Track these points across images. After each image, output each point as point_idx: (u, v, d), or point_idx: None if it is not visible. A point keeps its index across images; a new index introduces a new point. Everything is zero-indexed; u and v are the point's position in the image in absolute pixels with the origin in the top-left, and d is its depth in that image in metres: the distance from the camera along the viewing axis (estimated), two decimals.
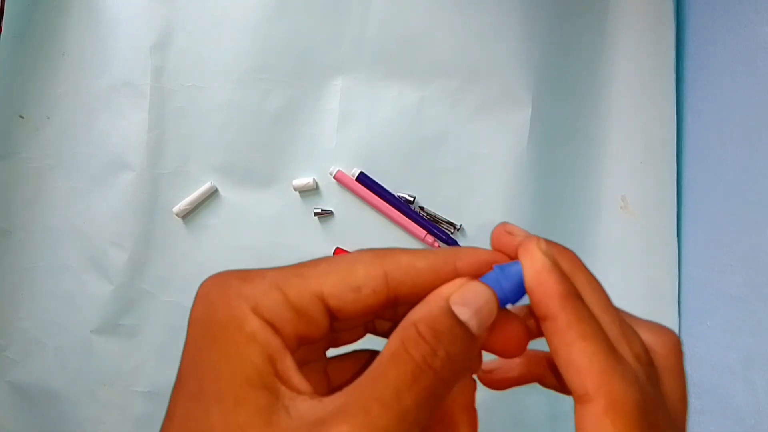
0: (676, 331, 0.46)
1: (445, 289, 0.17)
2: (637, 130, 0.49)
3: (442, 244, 0.49)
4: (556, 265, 0.18)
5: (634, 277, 0.48)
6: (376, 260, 0.17)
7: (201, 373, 0.16)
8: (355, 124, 0.49)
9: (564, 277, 0.18)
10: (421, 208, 0.49)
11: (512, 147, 0.48)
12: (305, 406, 0.15)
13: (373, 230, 0.49)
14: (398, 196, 0.49)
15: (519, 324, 0.18)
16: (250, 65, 0.49)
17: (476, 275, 0.18)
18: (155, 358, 0.49)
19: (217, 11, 0.49)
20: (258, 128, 0.49)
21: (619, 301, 0.46)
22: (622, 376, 0.17)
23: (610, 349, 0.17)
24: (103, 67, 0.50)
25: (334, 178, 0.49)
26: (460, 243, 0.48)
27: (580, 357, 0.17)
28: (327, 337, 0.19)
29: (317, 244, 0.49)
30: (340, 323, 0.18)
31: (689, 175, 0.48)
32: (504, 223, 0.20)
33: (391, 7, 0.49)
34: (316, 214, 0.49)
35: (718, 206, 0.44)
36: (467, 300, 0.16)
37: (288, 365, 0.16)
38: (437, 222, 0.49)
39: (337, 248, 0.49)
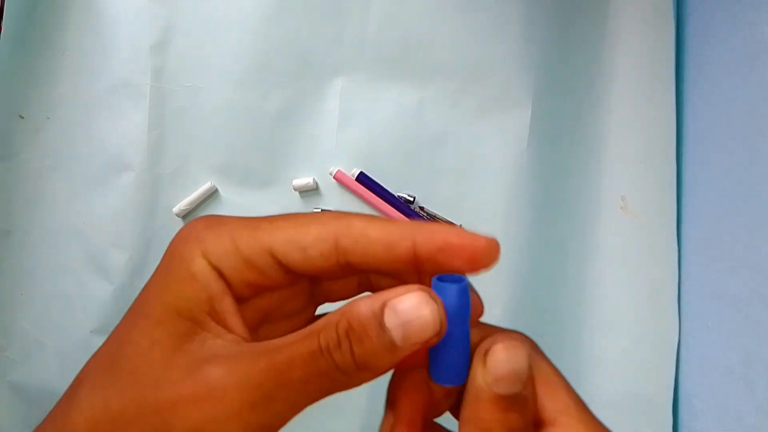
0: (676, 331, 0.46)
1: (390, 293, 0.16)
2: (637, 130, 0.49)
3: None
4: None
5: (634, 277, 0.48)
6: (330, 223, 0.18)
7: (144, 297, 0.19)
8: (355, 124, 0.49)
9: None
10: (421, 208, 0.49)
11: (512, 147, 0.48)
12: (221, 343, 0.17)
13: None
14: (398, 196, 0.49)
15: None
16: (250, 65, 0.49)
17: (432, 255, 0.17)
18: None
19: (217, 11, 0.49)
20: (258, 128, 0.49)
21: (619, 301, 0.46)
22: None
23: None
24: (103, 67, 0.50)
25: (334, 178, 0.49)
26: None
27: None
28: (297, 290, 0.20)
29: None
30: (319, 278, 0.19)
31: (689, 175, 0.48)
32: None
33: (391, 7, 0.49)
34: None
35: (718, 206, 0.44)
36: (399, 310, 0.16)
37: (226, 308, 0.17)
38: (437, 222, 0.49)
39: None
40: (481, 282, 0.52)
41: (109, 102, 0.49)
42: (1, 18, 0.48)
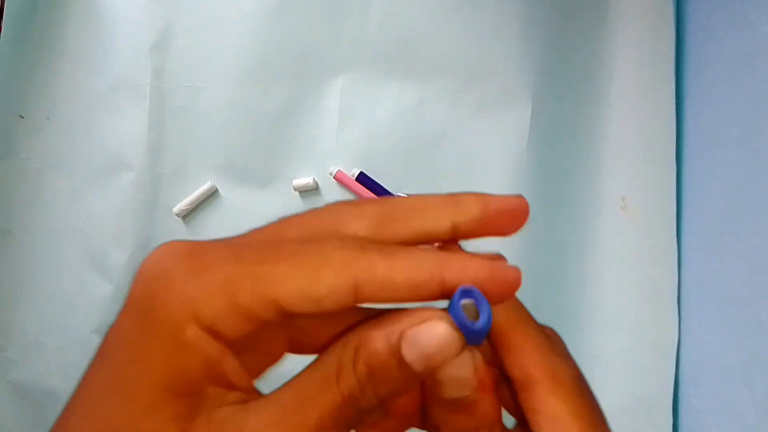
0: (676, 331, 0.46)
1: (404, 319, 0.15)
2: (637, 130, 0.49)
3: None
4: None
5: (634, 277, 0.48)
6: (349, 267, 0.15)
7: (122, 364, 0.15)
8: (355, 124, 0.49)
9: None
10: None
11: (512, 146, 0.48)
12: (229, 410, 0.15)
13: None
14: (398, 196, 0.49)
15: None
16: (250, 65, 0.49)
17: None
18: None
19: (217, 11, 0.49)
20: (258, 128, 0.49)
21: (619, 301, 0.46)
22: (559, 354, 0.17)
23: (541, 331, 0.18)
24: (103, 67, 0.50)
25: (334, 178, 0.49)
26: (460, 243, 0.48)
27: (518, 341, 0.17)
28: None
29: None
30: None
31: (689, 175, 0.48)
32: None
33: (391, 6, 0.49)
34: None
35: (718, 206, 0.44)
36: (420, 343, 0.14)
37: (227, 368, 0.15)
38: None
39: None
40: None
41: (109, 102, 0.50)
42: (1, 18, 0.48)
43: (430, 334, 0.14)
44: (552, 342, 0.18)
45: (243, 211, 0.50)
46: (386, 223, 0.16)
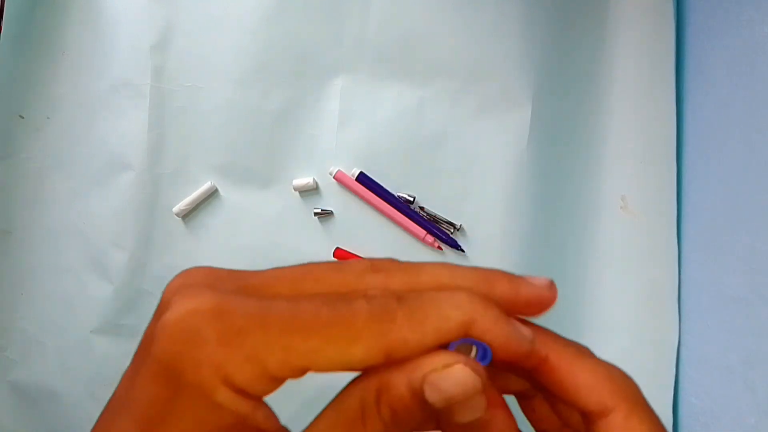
0: (676, 331, 0.46)
1: (426, 363, 0.15)
2: (637, 130, 0.49)
3: (442, 245, 0.49)
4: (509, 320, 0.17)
5: (634, 277, 0.48)
6: (381, 340, 0.15)
7: (151, 421, 0.15)
8: (355, 124, 0.49)
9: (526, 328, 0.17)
10: (421, 208, 0.49)
11: (512, 147, 0.48)
12: None
13: (373, 230, 0.49)
14: (398, 196, 0.49)
15: None
16: (250, 65, 0.49)
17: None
18: None
19: (217, 11, 0.49)
20: (258, 128, 0.49)
21: (618, 301, 0.46)
22: (623, 378, 0.18)
23: (600, 361, 0.18)
24: (103, 67, 0.50)
25: (334, 178, 0.49)
26: (460, 243, 0.48)
27: (586, 377, 0.17)
28: None
29: (317, 244, 0.49)
30: None
31: (689, 175, 0.48)
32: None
33: (391, 7, 0.49)
34: (316, 214, 0.49)
35: (718, 206, 0.44)
36: (443, 388, 0.15)
37: (258, 418, 0.15)
38: (437, 222, 0.49)
39: (337, 248, 0.49)
40: None
41: (109, 102, 0.50)
42: (1, 18, 0.48)
43: (453, 379, 0.15)
44: (611, 367, 0.18)
45: (243, 211, 0.50)
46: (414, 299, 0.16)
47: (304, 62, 0.49)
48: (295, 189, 0.49)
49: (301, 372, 0.15)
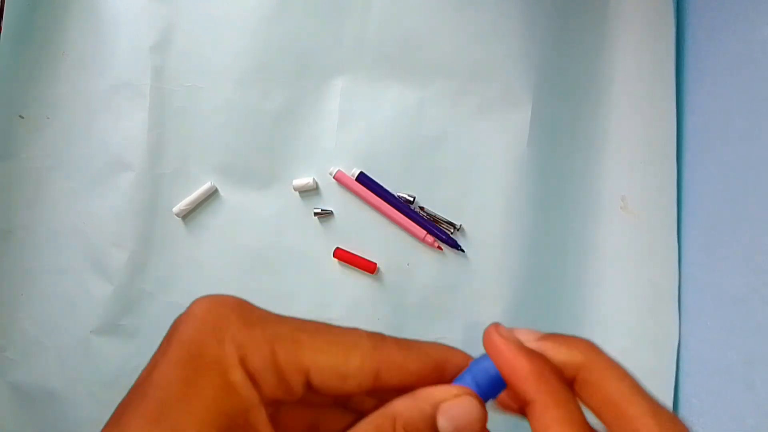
0: (676, 331, 0.46)
1: (436, 394, 0.17)
2: (637, 130, 0.49)
3: (442, 245, 0.49)
4: (521, 347, 0.18)
5: (634, 277, 0.48)
6: (373, 355, 0.17)
7: (169, 401, 0.16)
8: (355, 124, 0.49)
9: (534, 356, 0.18)
10: (421, 208, 0.49)
11: (512, 147, 0.48)
12: None
13: (373, 230, 0.49)
14: (398, 196, 0.49)
15: None
16: (249, 65, 0.49)
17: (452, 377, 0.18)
18: None
19: (217, 11, 0.49)
20: (258, 128, 0.49)
21: (618, 301, 0.46)
22: (660, 408, 0.18)
23: (646, 395, 0.19)
24: (103, 67, 0.50)
25: (334, 178, 0.49)
26: (460, 243, 0.48)
27: (635, 412, 0.18)
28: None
29: (317, 244, 0.49)
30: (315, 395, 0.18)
31: (689, 175, 0.48)
32: (495, 325, 0.19)
33: (391, 7, 0.49)
34: (316, 214, 0.49)
35: (718, 206, 0.44)
36: (454, 416, 0.17)
37: (261, 419, 0.16)
38: (437, 222, 0.49)
39: (337, 248, 0.49)
40: (481, 281, 0.52)
41: (109, 102, 0.50)
42: (1, 18, 0.48)
43: (462, 407, 0.17)
44: (655, 402, 0.19)
45: (243, 211, 0.50)
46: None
47: (304, 62, 0.49)
48: (295, 189, 0.49)
49: (303, 376, 0.16)
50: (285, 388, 0.17)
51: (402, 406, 0.17)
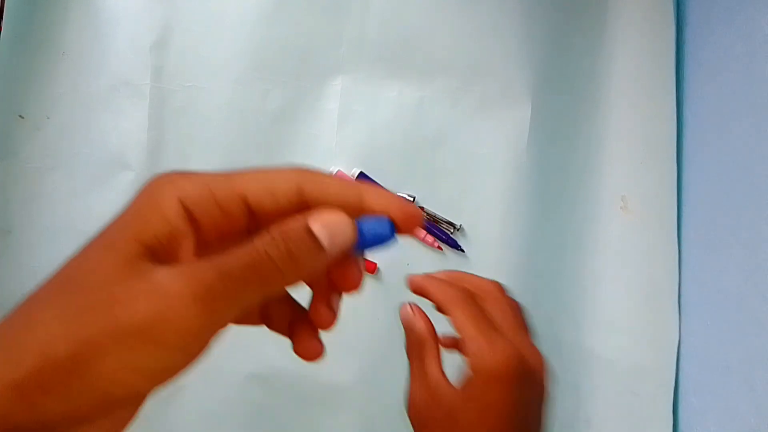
0: (676, 331, 0.46)
1: (314, 212, 0.19)
2: (637, 130, 0.49)
3: (442, 244, 0.49)
4: (441, 280, 0.30)
5: (634, 277, 0.48)
6: (297, 174, 0.20)
7: (106, 230, 0.19)
8: (355, 124, 0.49)
9: (450, 284, 0.31)
10: (421, 208, 0.49)
11: (512, 146, 0.48)
12: (175, 269, 0.18)
13: None
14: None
15: (358, 266, 0.21)
16: (249, 65, 0.49)
17: (373, 212, 0.20)
18: None
19: (217, 11, 0.49)
20: (258, 128, 0.49)
21: (619, 301, 0.46)
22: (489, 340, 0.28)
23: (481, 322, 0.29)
24: (102, 67, 0.50)
25: None
26: (460, 243, 0.48)
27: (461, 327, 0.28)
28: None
29: None
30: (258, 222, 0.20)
31: (689, 175, 0.48)
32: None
33: (391, 7, 0.49)
34: None
35: (718, 206, 0.44)
36: (325, 220, 0.19)
37: (185, 248, 0.18)
38: (437, 222, 0.49)
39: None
40: None
41: (109, 102, 0.49)
42: (1, 18, 0.48)
43: (333, 215, 0.19)
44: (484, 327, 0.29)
45: None
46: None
47: (303, 62, 0.49)
48: None
49: (240, 201, 0.19)
50: (228, 217, 0.19)
51: (285, 220, 0.19)
